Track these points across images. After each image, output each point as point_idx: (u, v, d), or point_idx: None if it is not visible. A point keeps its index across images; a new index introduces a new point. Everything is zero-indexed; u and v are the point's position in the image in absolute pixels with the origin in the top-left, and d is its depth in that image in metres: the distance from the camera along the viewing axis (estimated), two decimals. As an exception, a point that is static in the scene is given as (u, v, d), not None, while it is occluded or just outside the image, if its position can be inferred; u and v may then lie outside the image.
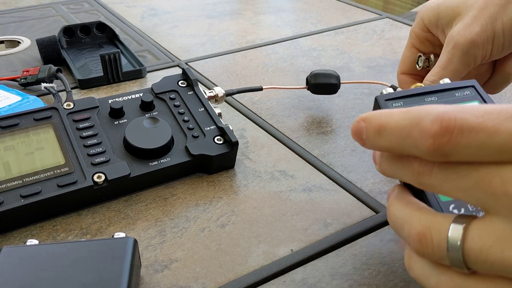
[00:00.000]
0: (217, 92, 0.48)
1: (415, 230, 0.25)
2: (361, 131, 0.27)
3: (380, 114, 0.26)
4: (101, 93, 0.58)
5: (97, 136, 0.42)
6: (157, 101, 0.46)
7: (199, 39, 0.73)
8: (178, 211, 0.39)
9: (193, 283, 0.33)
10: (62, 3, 0.90)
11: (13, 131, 0.40)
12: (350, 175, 0.43)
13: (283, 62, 0.65)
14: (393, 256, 0.35)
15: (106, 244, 0.31)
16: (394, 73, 0.61)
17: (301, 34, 0.74)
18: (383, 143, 0.26)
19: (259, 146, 0.48)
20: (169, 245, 0.36)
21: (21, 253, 0.31)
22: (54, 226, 0.38)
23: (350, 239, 0.37)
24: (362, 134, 0.27)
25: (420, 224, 0.25)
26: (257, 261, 0.35)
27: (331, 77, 0.52)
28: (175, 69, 0.64)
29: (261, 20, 0.81)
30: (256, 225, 0.38)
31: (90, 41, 0.69)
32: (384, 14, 0.83)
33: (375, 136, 0.26)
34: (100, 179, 0.38)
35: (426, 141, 0.23)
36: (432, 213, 0.25)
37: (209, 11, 0.85)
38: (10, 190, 0.37)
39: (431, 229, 0.24)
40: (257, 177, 0.43)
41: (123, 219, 0.39)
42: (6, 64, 0.65)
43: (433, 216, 0.25)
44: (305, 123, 0.51)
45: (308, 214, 0.39)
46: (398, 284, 0.33)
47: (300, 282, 0.33)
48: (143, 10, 0.86)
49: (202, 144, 0.42)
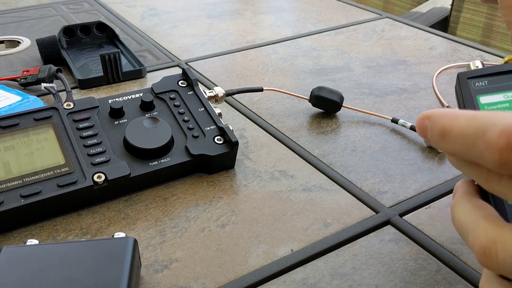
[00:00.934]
0: (217, 92, 0.48)
1: (480, 242, 0.24)
2: (425, 130, 0.26)
3: (445, 116, 0.25)
4: (101, 93, 0.58)
5: (97, 136, 0.41)
6: (157, 101, 0.46)
7: (199, 39, 0.73)
8: (178, 211, 0.39)
9: (193, 283, 0.33)
10: (62, 3, 0.90)
11: (13, 131, 0.40)
12: (350, 175, 0.43)
13: (283, 62, 0.65)
14: (393, 256, 0.35)
15: (106, 244, 0.31)
16: (394, 73, 0.62)
17: (301, 34, 0.74)
18: (447, 147, 0.25)
19: (259, 146, 0.48)
20: (169, 245, 0.36)
21: (21, 253, 0.31)
22: (54, 226, 0.38)
23: (350, 239, 0.37)
24: (427, 132, 0.26)
25: (485, 236, 0.23)
26: (257, 261, 0.35)
27: (334, 94, 0.51)
28: (175, 69, 0.64)
29: (261, 20, 0.81)
30: (256, 225, 0.38)
31: (90, 41, 0.69)
32: (384, 14, 0.83)
33: (439, 138, 0.25)
34: (100, 179, 0.38)
35: (492, 155, 0.22)
36: (499, 225, 0.24)
37: (209, 11, 0.85)
38: (10, 190, 0.37)
39: (497, 244, 0.23)
40: (257, 177, 0.43)
41: (123, 219, 0.39)
42: (6, 64, 0.65)
43: (501, 228, 0.24)
44: (305, 123, 0.51)
45: (308, 214, 0.39)
46: (397, 284, 0.33)
47: (300, 282, 0.33)
48: (143, 10, 0.86)
49: (202, 144, 0.42)
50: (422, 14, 1.28)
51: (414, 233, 0.37)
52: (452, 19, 1.24)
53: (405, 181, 0.42)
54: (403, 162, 0.45)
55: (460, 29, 1.23)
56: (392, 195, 0.41)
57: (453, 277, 0.33)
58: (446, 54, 0.67)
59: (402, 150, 0.46)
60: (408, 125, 0.48)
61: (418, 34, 0.74)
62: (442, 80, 0.60)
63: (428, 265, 0.34)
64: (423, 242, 0.36)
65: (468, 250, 0.35)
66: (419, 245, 0.36)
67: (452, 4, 1.23)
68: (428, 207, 0.40)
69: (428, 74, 0.61)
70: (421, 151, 0.46)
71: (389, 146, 0.47)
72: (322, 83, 0.59)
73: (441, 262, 0.34)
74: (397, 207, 0.40)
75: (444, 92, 0.57)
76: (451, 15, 1.24)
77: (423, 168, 0.44)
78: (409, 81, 0.60)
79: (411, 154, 0.46)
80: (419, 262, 0.34)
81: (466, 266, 0.34)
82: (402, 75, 0.61)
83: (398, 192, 0.41)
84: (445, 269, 0.34)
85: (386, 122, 0.51)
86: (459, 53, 0.67)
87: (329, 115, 0.52)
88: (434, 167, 0.44)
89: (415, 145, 0.47)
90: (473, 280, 0.33)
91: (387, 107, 0.54)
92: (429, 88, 0.58)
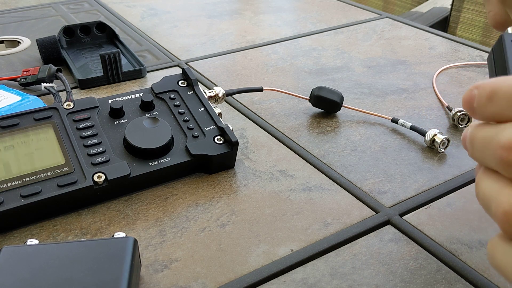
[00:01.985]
0: (217, 92, 0.48)
1: (503, 208, 0.23)
2: (472, 99, 0.26)
3: (495, 80, 0.25)
4: (101, 93, 0.58)
5: (97, 136, 0.42)
6: (157, 101, 0.46)
7: (199, 39, 0.73)
8: (178, 211, 0.39)
9: (193, 282, 0.33)
10: (62, 3, 0.90)
11: (13, 131, 0.40)
12: (350, 175, 0.43)
13: (283, 62, 0.65)
14: (392, 256, 0.35)
15: (106, 244, 0.31)
16: (394, 73, 0.62)
17: (301, 34, 0.74)
18: (493, 109, 0.25)
19: (259, 146, 0.48)
20: (169, 245, 0.36)
21: (21, 253, 0.31)
22: (54, 226, 0.38)
23: (350, 239, 0.37)
24: (474, 102, 0.26)
25: (508, 202, 0.23)
26: (257, 261, 0.35)
27: (334, 94, 0.51)
28: (175, 69, 0.64)
29: (261, 20, 0.81)
30: (256, 225, 0.38)
31: (90, 41, 0.69)
32: (384, 14, 0.83)
33: (486, 102, 0.25)
34: (100, 179, 0.38)
35: None
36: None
37: (209, 11, 0.85)
38: (10, 190, 0.37)
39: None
40: (257, 177, 0.43)
41: (123, 219, 0.39)
42: (6, 64, 0.65)
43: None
44: (305, 123, 0.51)
45: (308, 214, 0.39)
46: (397, 284, 0.33)
47: (300, 282, 0.33)
48: (143, 10, 0.86)
49: (202, 144, 0.42)
50: (422, 14, 1.28)
51: (414, 233, 0.37)
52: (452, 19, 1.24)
53: (405, 181, 0.42)
54: (403, 162, 0.45)
55: (460, 29, 1.23)
56: (392, 195, 0.41)
57: (452, 277, 0.33)
58: (446, 54, 0.67)
59: (402, 150, 0.47)
60: (408, 125, 0.48)
61: (418, 34, 0.74)
62: (442, 80, 0.60)
63: (428, 264, 0.34)
64: (423, 242, 0.36)
65: (468, 250, 0.35)
66: (419, 245, 0.36)
67: (452, 4, 1.23)
68: (428, 207, 0.40)
69: (428, 74, 0.61)
70: (421, 151, 0.46)
71: (389, 146, 0.47)
72: (322, 83, 0.59)
73: (441, 262, 0.34)
74: (397, 207, 0.40)
75: (444, 92, 0.57)
76: (451, 15, 1.24)
77: (423, 168, 0.44)
78: (409, 81, 0.60)
79: (411, 154, 0.46)
80: (419, 262, 0.34)
81: (465, 266, 0.34)
82: (402, 75, 0.61)
83: (398, 192, 0.41)
84: (445, 269, 0.34)
85: (386, 122, 0.51)
86: (459, 53, 0.67)
87: (329, 115, 0.52)
88: (434, 167, 0.44)
89: (415, 145, 0.47)
90: (473, 280, 0.33)
91: (387, 107, 0.54)
92: (429, 88, 0.58)
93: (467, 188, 0.42)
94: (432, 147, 0.46)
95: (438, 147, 0.45)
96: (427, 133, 0.46)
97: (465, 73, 0.61)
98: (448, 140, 0.46)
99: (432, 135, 0.46)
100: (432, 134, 0.46)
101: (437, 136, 0.45)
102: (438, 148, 0.45)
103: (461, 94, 0.56)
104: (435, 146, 0.46)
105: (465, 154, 0.45)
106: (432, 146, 0.46)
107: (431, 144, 0.46)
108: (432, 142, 0.46)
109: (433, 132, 0.46)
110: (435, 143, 0.45)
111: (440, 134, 0.46)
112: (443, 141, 0.45)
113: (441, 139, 0.45)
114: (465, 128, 0.26)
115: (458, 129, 0.49)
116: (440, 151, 0.46)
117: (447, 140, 0.46)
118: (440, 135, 0.45)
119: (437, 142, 0.45)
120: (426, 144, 0.46)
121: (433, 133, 0.46)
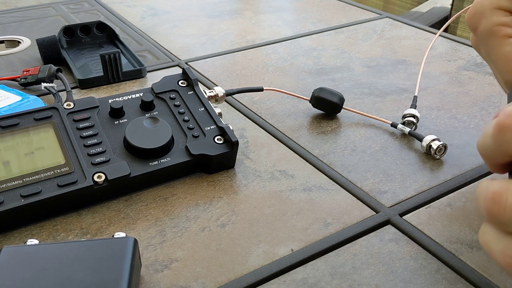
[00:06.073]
0: (217, 92, 0.48)
1: (493, 188, 0.25)
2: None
3: None
4: (101, 93, 0.58)
5: (97, 136, 0.42)
6: (157, 101, 0.46)
7: (199, 38, 0.73)
8: (178, 211, 0.39)
9: (193, 282, 0.33)
10: (62, 3, 0.90)
11: (13, 131, 0.40)
12: (350, 174, 0.43)
13: (283, 62, 0.65)
14: (393, 256, 0.35)
15: (106, 244, 0.31)
16: (394, 73, 0.62)
17: (301, 34, 0.74)
18: None
19: (259, 145, 0.48)
20: (169, 244, 0.36)
21: (21, 253, 0.31)
22: (54, 226, 0.38)
23: (350, 239, 0.37)
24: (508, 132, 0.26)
25: (499, 185, 0.25)
26: (257, 260, 0.35)
27: (334, 96, 0.51)
28: (175, 69, 0.64)
29: (261, 19, 0.81)
30: (256, 225, 0.38)
31: (90, 41, 0.69)
32: (384, 14, 0.83)
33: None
34: (100, 179, 0.38)
35: None
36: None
37: (209, 11, 0.85)
38: (10, 190, 0.37)
39: (508, 191, 0.24)
40: (257, 176, 0.43)
41: (123, 218, 0.39)
42: (6, 64, 0.65)
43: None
44: (305, 123, 0.51)
45: (308, 214, 0.39)
46: (397, 284, 0.33)
47: (300, 281, 0.33)
48: (143, 10, 0.86)
49: (202, 144, 0.42)
50: (422, 14, 1.28)
51: (414, 233, 0.37)
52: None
53: (405, 181, 0.42)
54: (403, 162, 0.45)
55: (460, 29, 1.23)
56: (392, 195, 0.41)
57: (452, 277, 0.33)
58: (446, 54, 0.67)
59: (402, 150, 0.46)
60: (407, 130, 0.47)
61: (418, 34, 0.74)
62: (442, 80, 0.60)
63: (428, 264, 0.34)
64: (423, 241, 0.36)
65: (468, 250, 0.35)
66: (419, 245, 0.36)
67: (452, 4, 1.23)
68: (428, 207, 0.40)
69: (428, 74, 0.61)
70: (421, 151, 0.46)
71: (389, 146, 0.47)
72: (322, 83, 0.59)
73: (441, 261, 0.34)
74: (397, 207, 0.40)
75: (444, 92, 0.57)
76: (451, 15, 1.24)
77: (423, 168, 0.44)
78: (409, 81, 0.60)
79: (411, 154, 0.46)
80: (419, 261, 0.34)
81: (465, 266, 0.34)
82: (402, 74, 0.61)
83: (398, 192, 0.41)
84: (445, 269, 0.34)
85: (386, 124, 0.51)
86: (459, 53, 0.67)
87: (329, 116, 0.52)
88: (434, 167, 0.44)
89: (415, 145, 0.47)
90: (473, 280, 0.33)
91: (387, 107, 0.54)
92: (429, 88, 0.58)
93: (467, 188, 0.42)
94: (429, 153, 0.45)
95: (434, 154, 0.44)
96: (424, 138, 0.45)
97: (465, 73, 0.61)
98: (445, 146, 0.44)
99: (429, 141, 0.44)
100: (429, 140, 0.44)
101: (433, 142, 0.44)
102: (434, 155, 0.44)
103: (461, 94, 0.56)
104: (431, 152, 0.44)
105: (465, 154, 0.45)
106: (428, 152, 0.45)
107: (427, 151, 0.45)
108: (429, 149, 0.45)
109: (430, 138, 0.44)
110: (431, 150, 0.44)
111: (437, 141, 0.44)
112: (440, 147, 0.44)
113: (438, 145, 0.44)
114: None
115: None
116: (436, 157, 0.45)
117: (444, 147, 0.44)
118: (437, 142, 0.44)
119: (433, 148, 0.44)
120: (422, 150, 0.46)
121: (430, 139, 0.44)
